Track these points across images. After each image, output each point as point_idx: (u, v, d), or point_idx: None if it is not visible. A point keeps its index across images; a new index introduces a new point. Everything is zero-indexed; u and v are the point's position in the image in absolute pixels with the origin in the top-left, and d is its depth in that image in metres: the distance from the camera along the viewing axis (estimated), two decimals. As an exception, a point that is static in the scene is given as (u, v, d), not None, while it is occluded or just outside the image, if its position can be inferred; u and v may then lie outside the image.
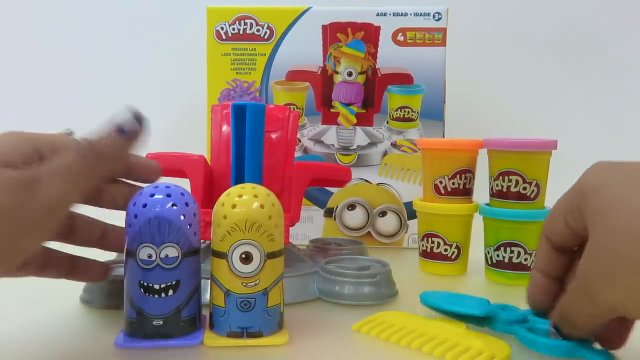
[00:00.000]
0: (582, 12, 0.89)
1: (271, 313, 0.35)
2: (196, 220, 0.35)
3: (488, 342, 0.34)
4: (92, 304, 0.42)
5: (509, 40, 0.90)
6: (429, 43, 0.65)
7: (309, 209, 0.67)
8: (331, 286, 0.44)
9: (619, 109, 0.89)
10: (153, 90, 0.90)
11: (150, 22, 0.94)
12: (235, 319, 0.34)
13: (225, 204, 0.34)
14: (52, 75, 0.94)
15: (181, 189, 0.35)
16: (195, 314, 0.35)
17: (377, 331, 0.37)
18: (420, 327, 0.37)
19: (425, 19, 0.65)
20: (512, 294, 0.47)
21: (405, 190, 0.66)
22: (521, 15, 0.90)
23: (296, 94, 0.67)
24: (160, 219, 0.33)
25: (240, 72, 0.67)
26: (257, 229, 0.34)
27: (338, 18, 0.66)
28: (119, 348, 0.34)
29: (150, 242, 0.33)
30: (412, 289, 0.48)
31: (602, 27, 0.89)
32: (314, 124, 0.67)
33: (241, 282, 0.34)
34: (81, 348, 0.35)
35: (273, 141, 0.49)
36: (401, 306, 0.43)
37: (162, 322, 0.34)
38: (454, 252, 0.54)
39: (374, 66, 0.66)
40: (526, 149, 0.50)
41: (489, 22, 0.90)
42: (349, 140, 0.67)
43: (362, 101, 0.67)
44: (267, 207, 0.34)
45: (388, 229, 0.66)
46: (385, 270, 0.45)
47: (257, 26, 0.66)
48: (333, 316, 0.41)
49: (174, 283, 0.34)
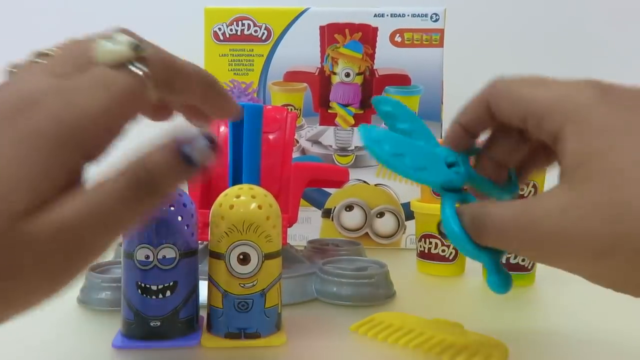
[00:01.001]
0: (580, 13, 0.89)
1: (269, 314, 0.35)
2: (194, 221, 0.35)
3: (485, 342, 0.34)
4: (89, 305, 0.42)
5: (506, 41, 0.90)
6: (426, 44, 0.65)
7: (307, 209, 0.67)
8: (329, 287, 0.44)
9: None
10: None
11: (148, 23, 0.94)
12: (232, 320, 0.34)
13: (222, 204, 0.34)
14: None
15: (179, 190, 0.35)
16: (192, 315, 0.35)
17: (374, 332, 0.37)
18: (418, 327, 0.37)
19: (422, 20, 0.65)
20: (511, 294, 0.47)
21: (403, 191, 0.66)
22: (519, 17, 0.90)
23: (294, 94, 0.67)
24: (157, 220, 0.33)
25: (237, 73, 0.67)
26: (254, 229, 0.34)
27: (336, 19, 0.66)
28: (116, 349, 0.34)
29: (147, 243, 0.33)
30: (410, 290, 0.48)
31: (600, 29, 0.89)
32: (312, 125, 0.67)
33: (239, 283, 0.34)
34: (78, 349, 0.35)
35: (271, 142, 0.49)
36: (399, 307, 0.43)
37: (159, 323, 0.34)
38: (451, 252, 0.54)
39: (371, 67, 0.66)
40: (523, 149, 0.50)
41: (487, 23, 0.90)
42: (346, 141, 0.67)
43: (359, 102, 0.67)
44: (264, 208, 0.34)
45: (386, 230, 0.66)
46: (383, 271, 0.45)
47: (255, 27, 0.66)
48: (331, 317, 0.41)
49: (172, 284, 0.34)
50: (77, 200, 0.22)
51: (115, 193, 0.22)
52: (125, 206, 0.23)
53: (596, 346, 0.36)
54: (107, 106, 0.23)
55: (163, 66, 0.25)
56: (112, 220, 0.23)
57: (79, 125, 0.22)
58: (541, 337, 0.38)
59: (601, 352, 0.35)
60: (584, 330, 0.39)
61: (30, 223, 0.21)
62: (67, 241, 0.21)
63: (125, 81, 0.23)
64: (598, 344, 0.36)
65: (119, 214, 0.23)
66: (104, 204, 0.22)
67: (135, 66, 0.24)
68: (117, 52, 0.24)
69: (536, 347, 0.35)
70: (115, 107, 0.23)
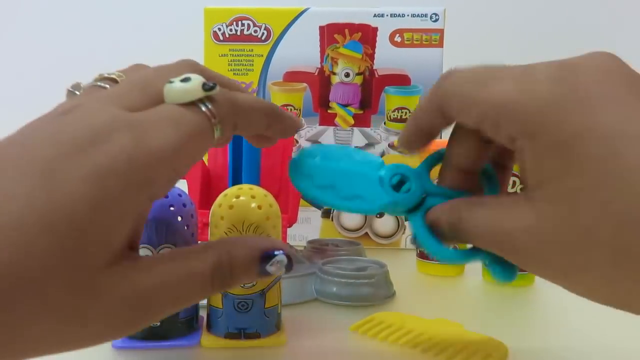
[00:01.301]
0: (579, 13, 0.89)
1: (269, 314, 0.35)
2: (194, 222, 0.35)
3: (485, 342, 0.34)
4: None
5: (506, 41, 0.90)
6: (426, 44, 0.65)
7: (307, 210, 0.67)
8: (329, 287, 0.44)
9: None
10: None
11: (147, 23, 0.94)
12: (232, 320, 0.34)
13: (222, 205, 0.34)
14: (49, 75, 0.94)
15: (178, 190, 0.35)
16: (192, 315, 0.35)
17: (374, 332, 0.37)
18: (418, 327, 0.37)
19: (422, 20, 0.65)
20: (511, 294, 0.47)
21: (402, 191, 0.66)
22: (519, 16, 0.90)
23: (293, 95, 0.67)
24: (157, 220, 0.33)
25: (237, 73, 0.67)
26: (254, 229, 0.34)
27: (335, 19, 0.66)
28: (115, 349, 0.34)
29: (147, 243, 0.33)
30: (410, 289, 0.48)
31: (599, 28, 0.89)
32: (312, 125, 0.67)
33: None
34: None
35: (270, 142, 0.49)
36: (399, 307, 0.43)
37: (159, 323, 0.34)
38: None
39: (371, 67, 0.66)
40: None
41: (487, 23, 0.90)
42: (346, 141, 0.67)
43: (359, 102, 0.67)
44: (264, 208, 0.34)
45: (385, 230, 0.66)
46: (383, 271, 0.45)
47: (255, 27, 0.66)
48: (331, 317, 0.41)
49: (172, 284, 0.34)
50: (157, 269, 0.22)
51: (197, 275, 0.23)
52: (200, 288, 0.23)
53: (596, 346, 0.36)
54: (177, 145, 0.22)
55: (229, 105, 0.24)
56: (183, 297, 0.23)
57: (149, 164, 0.21)
58: (541, 337, 0.38)
59: (601, 352, 0.35)
60: (583, 330, 0.39)
61: (109, 277, 0.20)
62: (136, 306, 0.21)
63: (194, 120, 0.23)
64: (598, 344, 0.36)
65: (192, 293, 0.23)
66: (182, 280, 0.22)
67: (205, 106, 0.23)
68: (190, 91, 0.23)
69: (536, 347, 0.35)
70: (184, 146, 0.22)
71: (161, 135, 0.21)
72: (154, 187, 0.22)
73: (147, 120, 0.22)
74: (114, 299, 0.20)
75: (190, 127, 0.22)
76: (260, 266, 0.24)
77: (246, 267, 0.24)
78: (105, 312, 0.20)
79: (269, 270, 0.24)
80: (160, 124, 0.22)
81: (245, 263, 0.24)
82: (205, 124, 0.23)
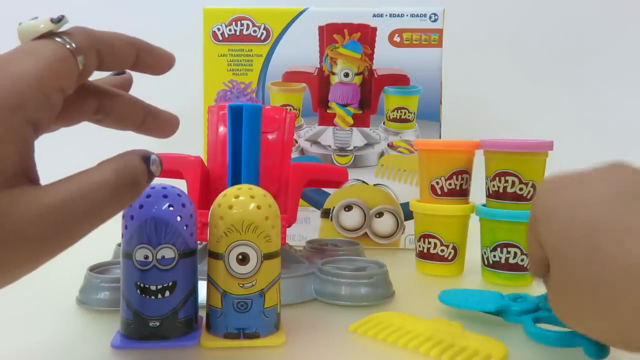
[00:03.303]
0: (578, 13, 0.89)
1: (268, 314, 0.35)
2: (193, 222, 0.35)
3: (485, 342, 0.34)
4: (89, 305, 0.42)
5: (505, 41, 0.90)
6: (425, 44, 0.65)
7: (306, 210, 0.67)
8: (328, 287, 0.44)
9: (615, 109, 0.89)
10: (149, 90, 0.89)
11: (146, 23, 0.94)
12: (232, 320, 0.34)
13: (222, 205, 0.34)
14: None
15: (178, 190, 0.35)
16: (191, 315, 0.35)
17: (374, 332, 0.37)
18: (417, 327, 0.37)
19: (421, 20, 0.65)
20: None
21: (402, 191, 0.67)
22: (517, 16, 0.90)
23: (293, 95, 0.67)
24: (156, 220, 0.33)
25: (236, 73, 0.67)
26: (253, 230, 0.34)
27: (334, 19, 0.66)
28: (115, 349, 0.34)
29: (146, 243, 0.33)
30: (409, 289, 0.48)
31: (598, 28, 0.89)
32: (311, 125, 0.67)
33: (238, 283, 0.34)
34: (77, 349, 0.35)
35: (270, 142, 0.49)
36: (398, 307, 0.43)
37: (158, 323, 0.34)
38: (450, 252, 0.54)
39: (370, 67, 0.66)
40: (522, 149, 0.50)
41: (486, 23, 0.90)
42: (345, 141, 0.67)
43: (358, 102, 0.67)
44: (264, 208, 0.34)
45: (385, 230, 0.66)
46: (382, 271, 0.45)
47: (254, 27, 0.66)
48: (330, 317, 0.41)
49: (171, 284, 0.34)
50: (59, 186, 0.24)
51: (104, 183, 0.25)
52: (112, 196, 0.25)
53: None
54: (38, 71, 0.24)
55: (85, 35, 0.27)
56: (97, 208, 0.25)
57: (15, 88, 0.23)
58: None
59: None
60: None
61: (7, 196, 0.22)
62: (45, 222, 0.23)
63: (50, 49, 0.26)
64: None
65: (104, 204, 0.25)
66: (91, 191, 0.24)
67: (60, 37, 0.26)
68: (36, 25, 0.26)
69: (536, 347, 0.35)
70: (45, 72, 0.25)
71: (21, 63, 0.24)
72: (27, 110, 0.24)
73: (8, 56, 0.25)
74: (16, 217, 0.22)
75: (47, 55, 0.25)
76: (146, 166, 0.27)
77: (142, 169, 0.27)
78: (13, 230, 0.22)
79: (153, 171, 0.28)
80: (18, 55, 0.25)
81: (140, 165, 0.27)
82: (63, 52, 0.26)
